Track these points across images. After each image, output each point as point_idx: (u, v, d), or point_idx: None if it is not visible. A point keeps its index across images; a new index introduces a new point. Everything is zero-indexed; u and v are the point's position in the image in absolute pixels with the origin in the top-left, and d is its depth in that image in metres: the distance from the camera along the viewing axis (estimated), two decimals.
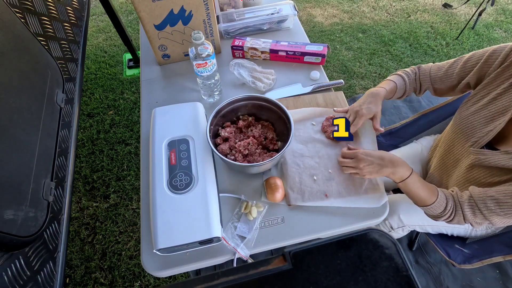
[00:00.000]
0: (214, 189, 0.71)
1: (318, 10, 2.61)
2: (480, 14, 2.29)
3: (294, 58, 1.05)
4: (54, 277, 0.65)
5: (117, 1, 2.71)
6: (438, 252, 0.96)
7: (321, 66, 1.06)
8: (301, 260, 0.34)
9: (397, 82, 0.87)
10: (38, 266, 0.60)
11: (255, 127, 0.83)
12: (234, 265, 0.70)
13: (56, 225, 0.70)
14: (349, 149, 0.81)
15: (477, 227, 0.71)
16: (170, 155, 0.73)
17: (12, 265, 0.53)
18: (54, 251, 0.67)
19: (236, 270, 0.34)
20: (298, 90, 0.99)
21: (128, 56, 2.17)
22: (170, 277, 1.23)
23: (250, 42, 1.05)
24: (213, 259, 0.70)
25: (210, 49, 0.82)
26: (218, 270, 0.33)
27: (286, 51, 1.03)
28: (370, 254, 0.34)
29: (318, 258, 0.34)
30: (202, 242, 0.65)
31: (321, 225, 0.73)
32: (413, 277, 0.32)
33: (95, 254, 1.36)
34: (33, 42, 0.79)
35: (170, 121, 0.80)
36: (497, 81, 0.71)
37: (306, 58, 1.04)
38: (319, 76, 1.02)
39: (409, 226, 0.97)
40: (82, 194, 1.54)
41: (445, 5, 2.64)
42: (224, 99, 0.82)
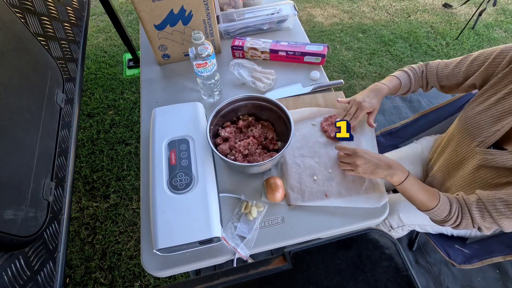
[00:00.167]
0: (214, 189, 0.71)
1: (318, 10, 2.61)
2: (480, 14, 2.29)
3: (294, 58, 1.05)
4: (54, 277, 0.65)
5: (117, 1, 2.71)
6: (438, 252, 0.96)
7: (321, 66, 1.06)
8: (301, 260, 0.34)
9: (401, 79, 0.87)
10: (38, 266, 0.60)
11: (255, 127, 0.83)
12: (234, 265, 0.70)
13: (56, 225, 0.70)
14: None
15: (486, 232, 0.69)
16: (170, 155, 0.73)
17: (12, 265, 0.53)
18: (54, 251, 0.67)
19: (236, 270, 0.34)
20: (298, 90, 0.99)
21: (128, 56, 2.17)
22: (170, 277, 1.23)
23: (250, 42, 1.05)
24: (213, 259, 0.69)
25: (210, 49, 0.82)
26: (218, 270, 0.33)
27: (286, 51, 1.03)
28: (370, 254, 0.34)
29: (318, 258, 0.34)
30: (202, 242, 0.65)
31: (321, 225, 0.73)
32: (413, 277, 0.32)
33: (95, 254, 1.36)
34: (33, 42, 0.79)
35: (170, 121, 0.80)
36: (505, 80, 0.70)
37: (306, 58, 1.04)
38: (319, 76, 1.02)
39: (409, 226, 0.97)
40: (82, 194, 1.54)
41: (445, 5, 2.64)
42: (224, 99, 0.82)
